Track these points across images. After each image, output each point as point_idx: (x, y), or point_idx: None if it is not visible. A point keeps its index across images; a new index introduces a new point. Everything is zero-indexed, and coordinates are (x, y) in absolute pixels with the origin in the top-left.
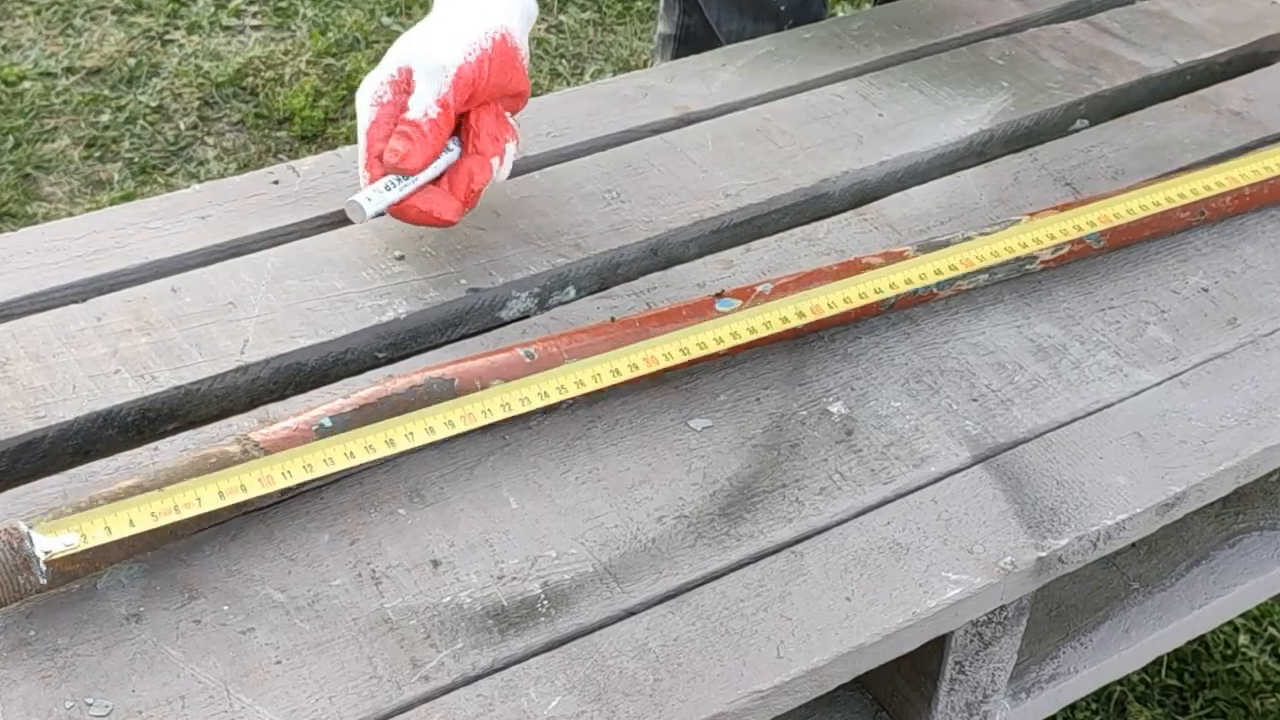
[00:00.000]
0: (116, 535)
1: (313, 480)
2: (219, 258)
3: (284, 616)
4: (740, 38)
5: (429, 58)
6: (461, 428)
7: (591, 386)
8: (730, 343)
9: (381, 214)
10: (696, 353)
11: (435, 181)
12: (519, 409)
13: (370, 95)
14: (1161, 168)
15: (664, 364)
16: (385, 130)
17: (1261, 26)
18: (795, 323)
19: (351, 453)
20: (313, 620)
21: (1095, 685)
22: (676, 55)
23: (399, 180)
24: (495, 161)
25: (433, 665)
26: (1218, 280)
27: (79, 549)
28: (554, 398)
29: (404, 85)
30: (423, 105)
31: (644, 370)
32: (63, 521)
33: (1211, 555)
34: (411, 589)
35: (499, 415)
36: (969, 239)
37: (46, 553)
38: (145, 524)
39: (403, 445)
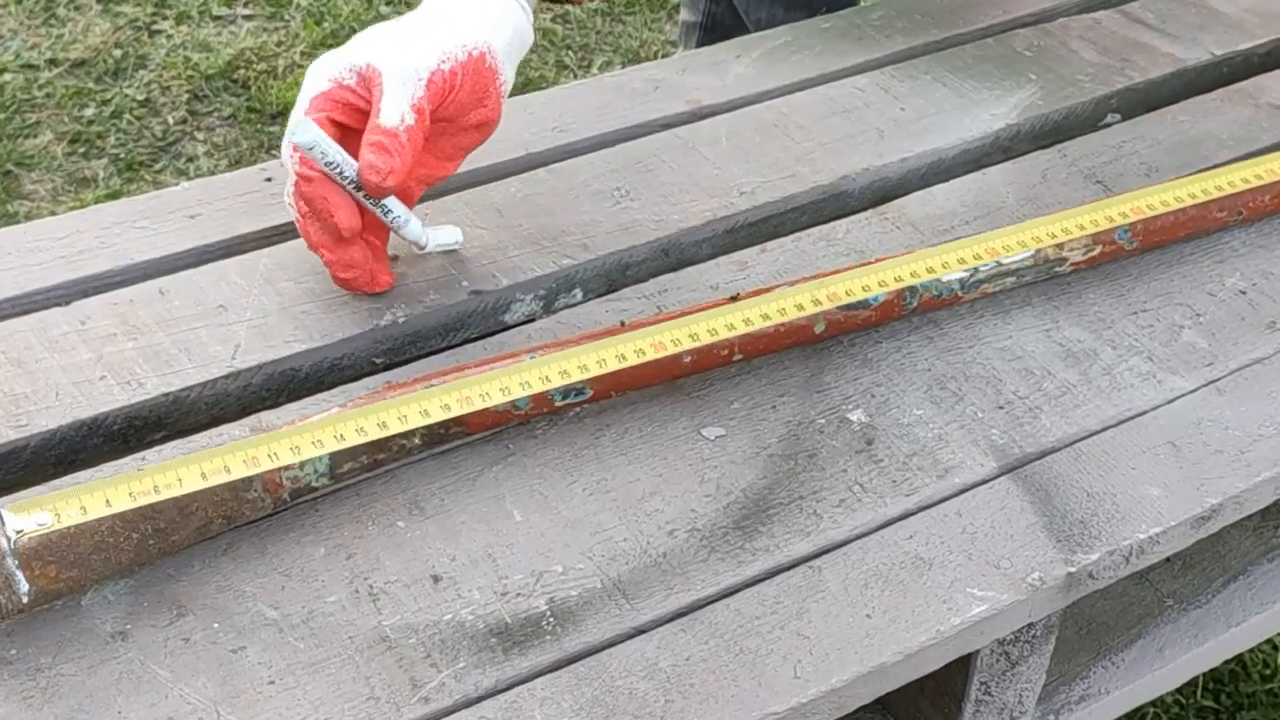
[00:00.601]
0: (93, 515)
1: (309, 487)
2: (209, 259)
3: (277, 634)
4: (770, 26)
5: (400, 61)
6: (457, 411)
7: (595, 371)
8: (742, 329)
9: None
10: (707, 339)
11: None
12: (519, 393)
13: (328, 70)
14: (1197, 164)
15: (672, 349)
16: (337, 105)
17: None
18: (810, 310)
19: (341, 435)
20: (307, 638)
21: (1127, 707)
22: (701, 44)
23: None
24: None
25: (433, 686)
26: (1256, 282)
27: (52, 528)
28: (556, 382)
29: (366, 82)
30: (398, 111)
31: (650, 356)
32: (35, 501)
33: (1249, 570)
34: (411, 605)
35: (497, 399)
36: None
37: (19, 532)
38: (123, 503)
39: (395, 428)
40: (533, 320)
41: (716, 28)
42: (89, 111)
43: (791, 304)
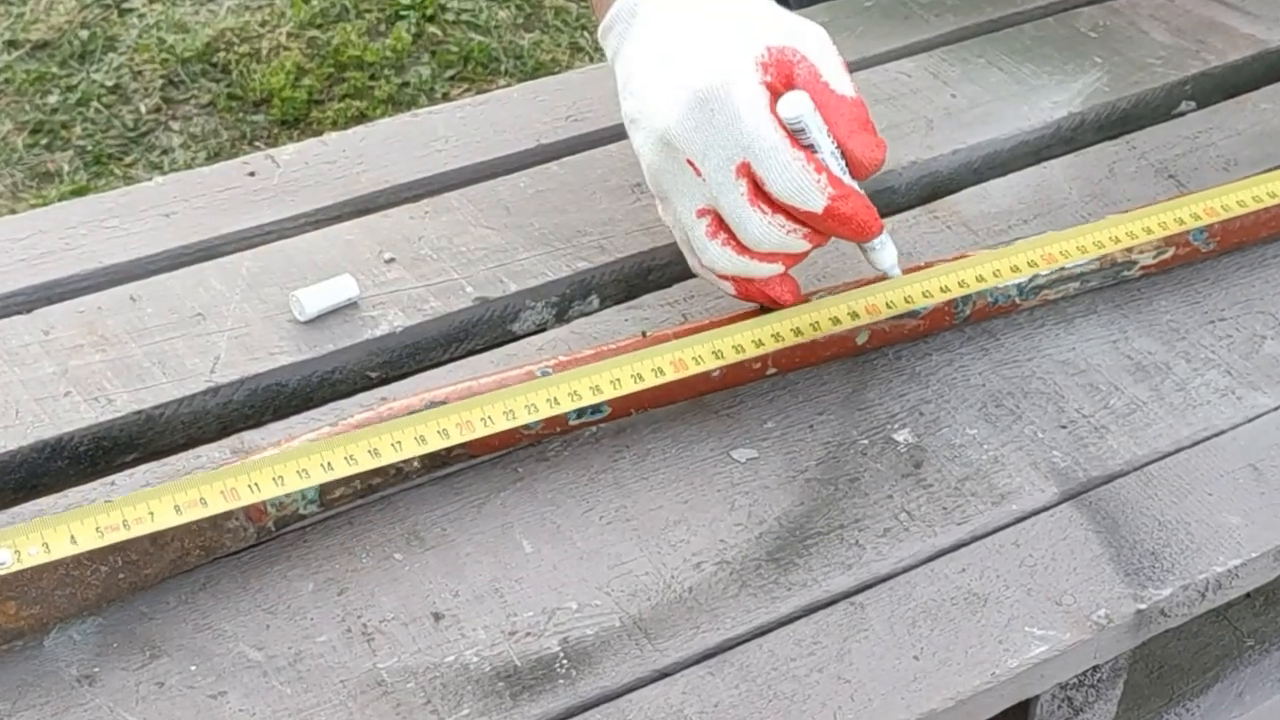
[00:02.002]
0: (56, 553)
1: (296, 515)
2: (186, 262)
3: (261, 678)
4: (807, 5)
5: (814, 29)
6: (457, 438)
7: (610, 394)
8: (772, 345)
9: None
10: (732, 356)
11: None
12: (525, 418)
13: (751, 49)
14: None
15: (694, 369)
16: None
17: None
18: (847, 324)
19: (329, 464)
20: (294, 682)
21: None
22: None
23: None
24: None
25: None
26: None
27: (12, 568)
28: (565, 405)
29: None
30: (849, 81)
31: (670, 376)
32: None
33: None
34: (409, 646)
35: (501, 425)
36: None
37: None
38: (89, 540)
39: (389, 456)
40: (544, 330)
41: None
42: (52, 99)
43: (826, 316)
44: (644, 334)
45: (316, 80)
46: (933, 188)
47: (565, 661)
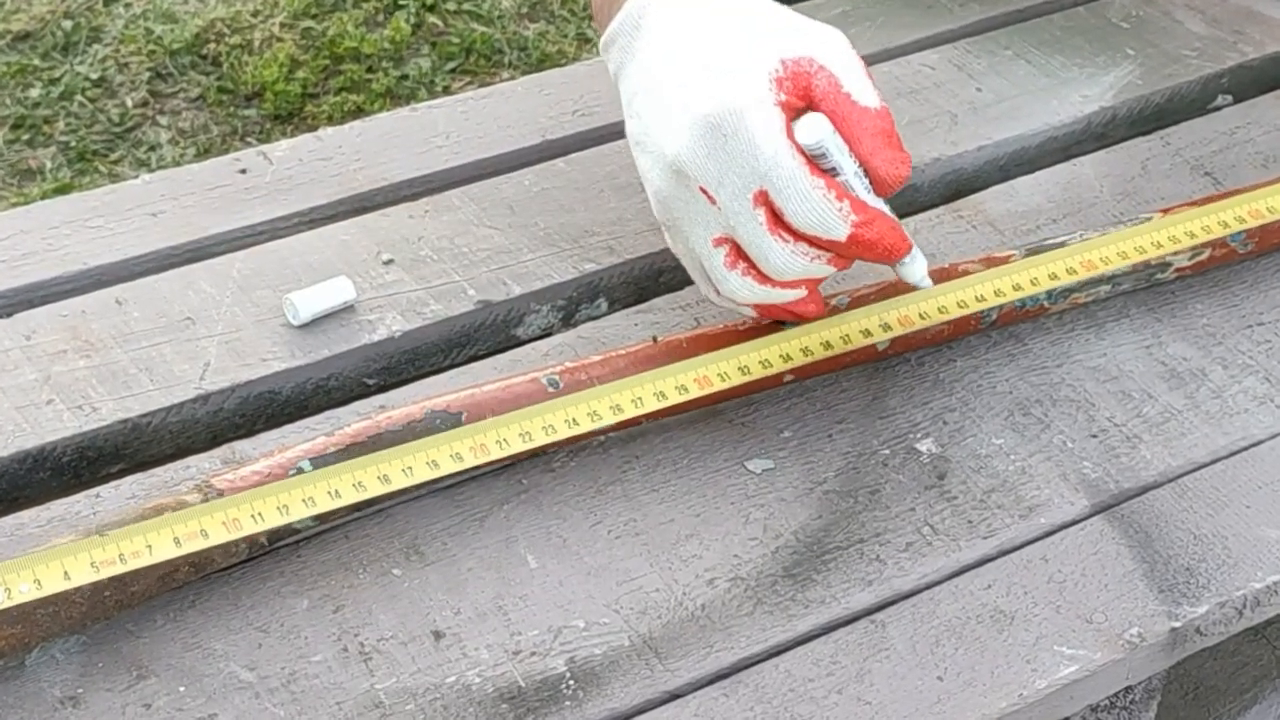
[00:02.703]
0: (48, 589)
1: (289, 528)
2: (174, 263)
3: (253, 700)
4: None
5: (837, 36)
6: (471, 461)
7: (631, 413)
8: (799, 360)
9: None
10: (759, 372)
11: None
12: (542, 439)
13: (764, 62)
14: None
15: (719, 385)
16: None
17: None
18: (878, 337)
19: (337, 491)
20: (288, 704)
21: None
22: None
23: None
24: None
25: None
26: None
27: (2, 604)
28: (585, 426)
29: (804, 78)
30: (873, 90)
31: (695, 394)
32: None
33: None
34: (408, 666)
35: (517, 447)
36: (1087, 240)
37: None
38: (83, 575)
39: (400, 482)
40: (549, 334)
41: None
42: (34, 92)
43: (857, 329)
44: (655, 339)
45: (311, 73)
46: (957, 186)
47: (572, 682)
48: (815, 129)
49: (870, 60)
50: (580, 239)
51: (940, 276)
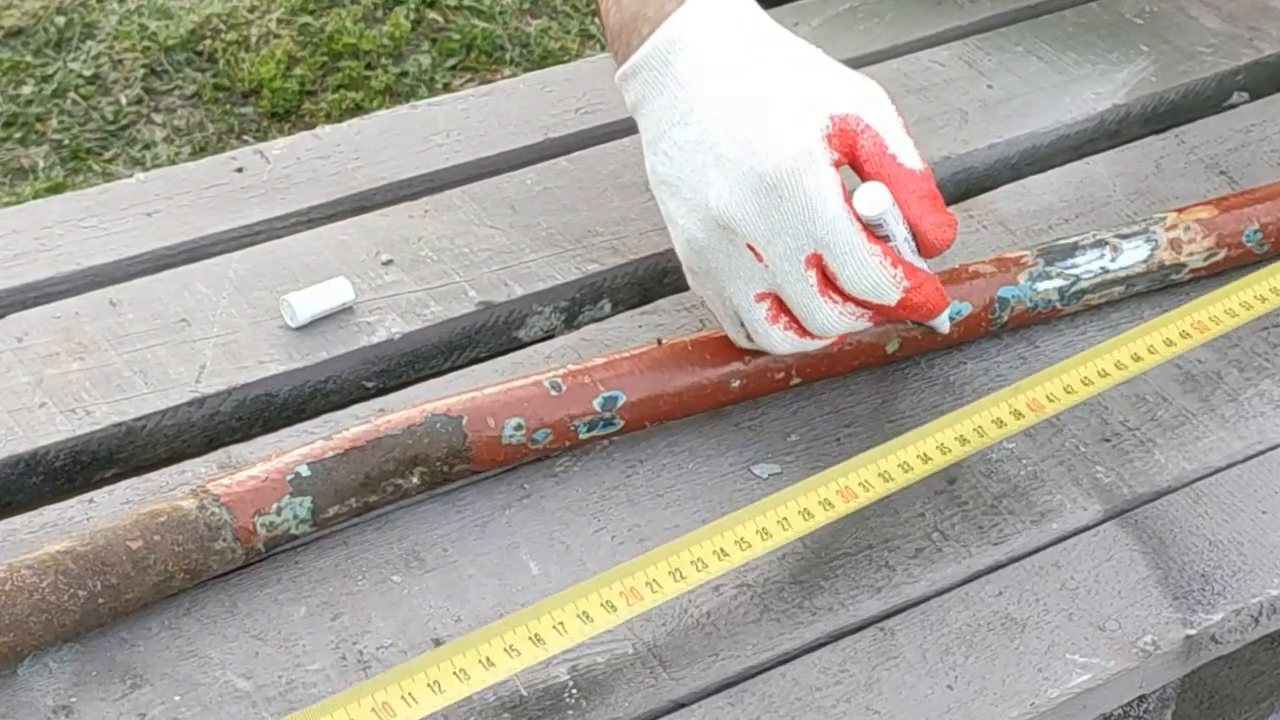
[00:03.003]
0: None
1: (288, 534)
2: (169, 264)
3: (250, 709)
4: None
5: (878, 93)
6: (626, 613)
7: (780, 538)
8: (940, 460)
9: None
10: (901, 480)
11: None
12: (695, 578)
13: (814, 120)
14: None
15: (863, 496)
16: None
17: None
18: (1011, 426)
19: (515, 649)
20: (286, 713)
21: None
22: (770, 5)
23: None
24: None
25: None
26: None
27: None
28: (735, 558)
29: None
30: (915, 152)
31: (840, 509)
32: None
33: None
34: None
35: (671, 591)
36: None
37: None
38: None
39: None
40: (552, 337)
41: None
42: (26, 90)
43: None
44: (659, 341)
45: (309, 70)
46: (967, 185)
47: (574, 691)
48: (877, 201)
49: (879, 56)
50: (583, 239)
51: (950, 278)
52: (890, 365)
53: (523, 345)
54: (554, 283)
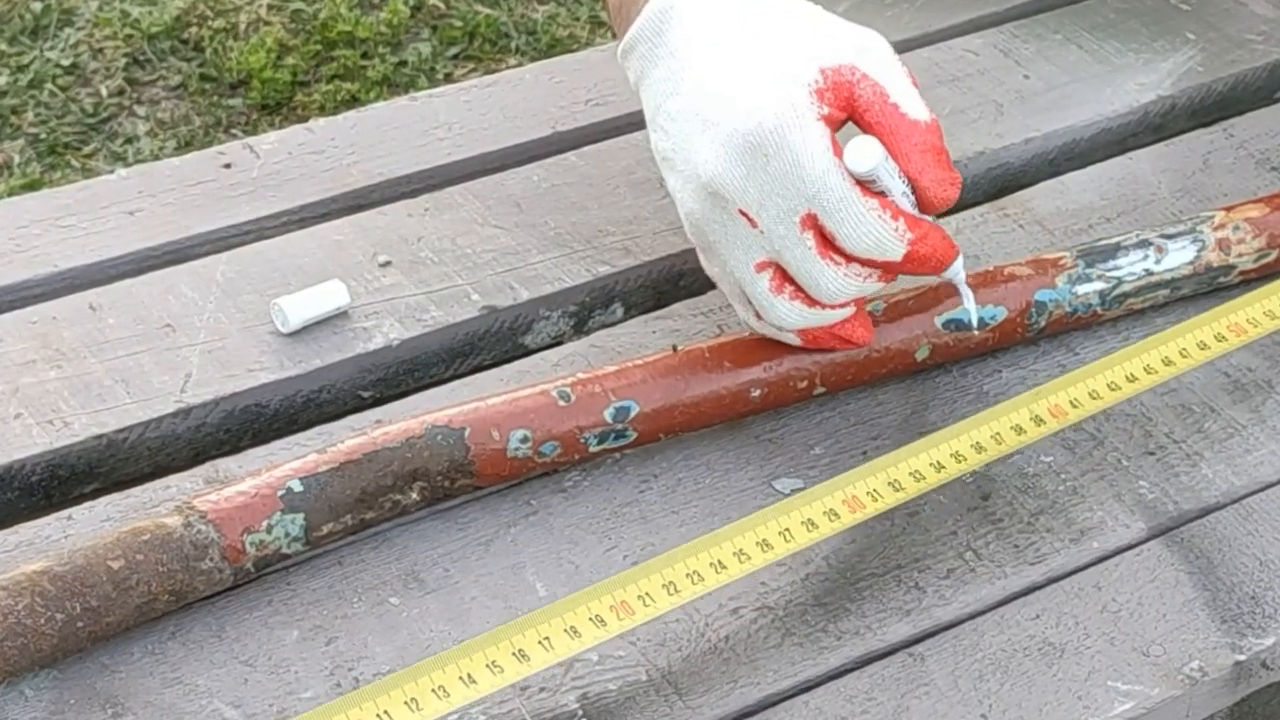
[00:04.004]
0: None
1: (279, 554)
2: (153, 265)
3: None
4: None
5: (880, 42)
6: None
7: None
8: (955, 469)
9: None
10: (913, 489)
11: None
12: (688, 589)
13: (804, 73)
14: None
15: (871, 506)
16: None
17: None
18: (1032, 434)
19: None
20: None
21: None
22: None
23: None
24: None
25: None
26: None
27: None
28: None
29: (845, 87)
30: (921, 102)
31: (847, 520)
32: None
33: None
34: None
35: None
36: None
37: None
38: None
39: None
40: (560, 343)
41: None
42: (1, 80)
43: (1007, 425)
44: (675, 348)
45: (301, 59)
46: (1002, 181)
47: (584, 719)
48: (868, 156)
49: (909, 45)
50: (593, 239)
51: (984, 281)
52: (920, 374)
53: (529, 352)
54: (562, 286)
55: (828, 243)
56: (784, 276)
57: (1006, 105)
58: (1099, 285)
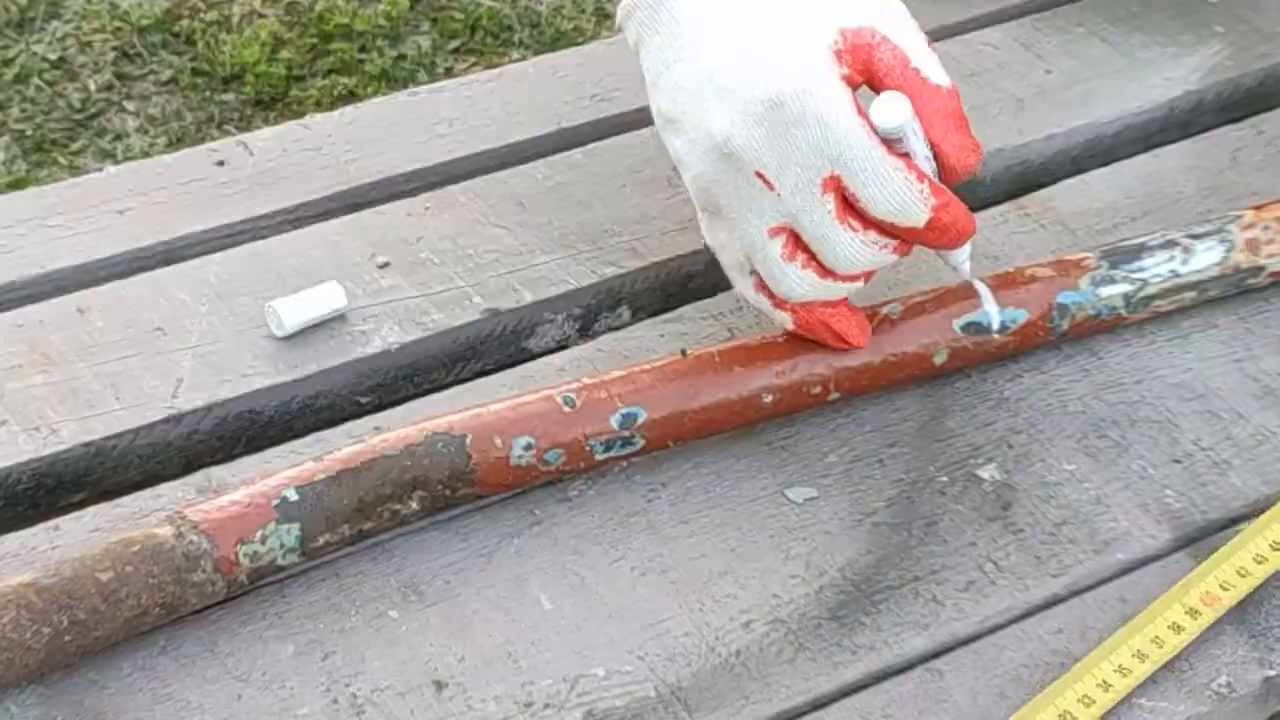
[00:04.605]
0: None
1: (274, 565)
2: (143, 267)
3: None
4: None
5: (897, 7)
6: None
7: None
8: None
9: None
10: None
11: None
12: None
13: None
14: None
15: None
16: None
17: None
18: (1201, 624)
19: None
20: None
21: None
22: None
23: None
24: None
25: None
26: None
27: None
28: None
29: (865, 50)
30: (941, 69)
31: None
32: None
33: None
34: (407, 719)
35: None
36: None
37: None
38: None
39: None
40: (565, 348)
41: None
42: None
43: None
44: (684, 352)
45: (297, 53)
46: (1023, 179)
47: None
48: (897, 112)
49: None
50: (599, 239)
51: (1005, 282)
52: (938, 379)
53: (533, 357)
54: (567, 288)
55: (848, 207)
56: (797, 243)
57: (1027, 101)
58: (1123, 287)
